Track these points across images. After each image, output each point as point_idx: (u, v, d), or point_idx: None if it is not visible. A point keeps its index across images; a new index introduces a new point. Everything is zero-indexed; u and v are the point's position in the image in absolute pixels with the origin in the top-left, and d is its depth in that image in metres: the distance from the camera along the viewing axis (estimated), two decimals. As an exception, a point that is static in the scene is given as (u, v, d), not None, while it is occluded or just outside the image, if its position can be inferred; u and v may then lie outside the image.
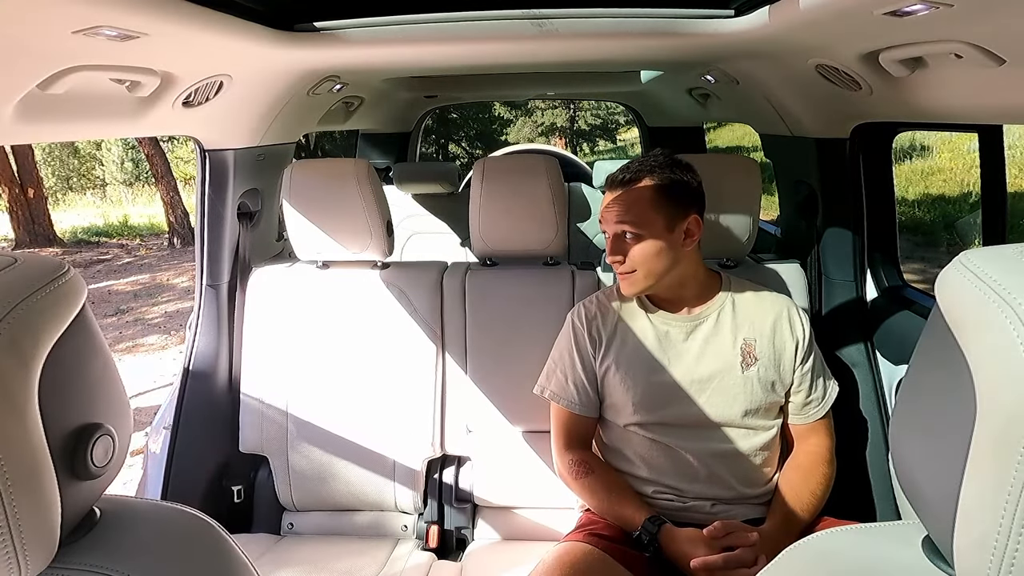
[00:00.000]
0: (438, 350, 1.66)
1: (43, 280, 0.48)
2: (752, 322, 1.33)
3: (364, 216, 1.61)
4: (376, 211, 1.62)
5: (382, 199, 1.65)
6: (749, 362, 1.31)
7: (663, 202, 1.26)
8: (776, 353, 1.32)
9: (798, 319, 1.35)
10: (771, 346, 1.32)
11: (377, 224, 1.62)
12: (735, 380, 1.30)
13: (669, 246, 1.27)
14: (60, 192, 12.81)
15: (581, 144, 16.59)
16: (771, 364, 1.31)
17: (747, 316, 1.34)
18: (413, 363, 1.65)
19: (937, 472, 0.42)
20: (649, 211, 1.26)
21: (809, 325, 1.35)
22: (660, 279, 1.29)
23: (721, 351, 1.32)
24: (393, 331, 1.65)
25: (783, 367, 1.32)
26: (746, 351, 1.31)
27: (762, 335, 1.32)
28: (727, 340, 1.32)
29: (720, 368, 1.31)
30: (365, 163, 1.66)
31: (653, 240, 1.26)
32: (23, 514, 0.45)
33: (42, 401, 0.47)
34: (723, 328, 1.33)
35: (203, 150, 1.69)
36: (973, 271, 0.41)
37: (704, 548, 1.14)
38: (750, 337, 1.32)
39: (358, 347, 1.66)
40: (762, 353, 1.31)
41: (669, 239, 1.26)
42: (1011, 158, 6.94)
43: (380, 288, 1.67)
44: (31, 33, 0.86)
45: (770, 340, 1.32)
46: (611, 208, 1.30)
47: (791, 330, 1.33)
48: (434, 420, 1.65)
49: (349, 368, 1.66)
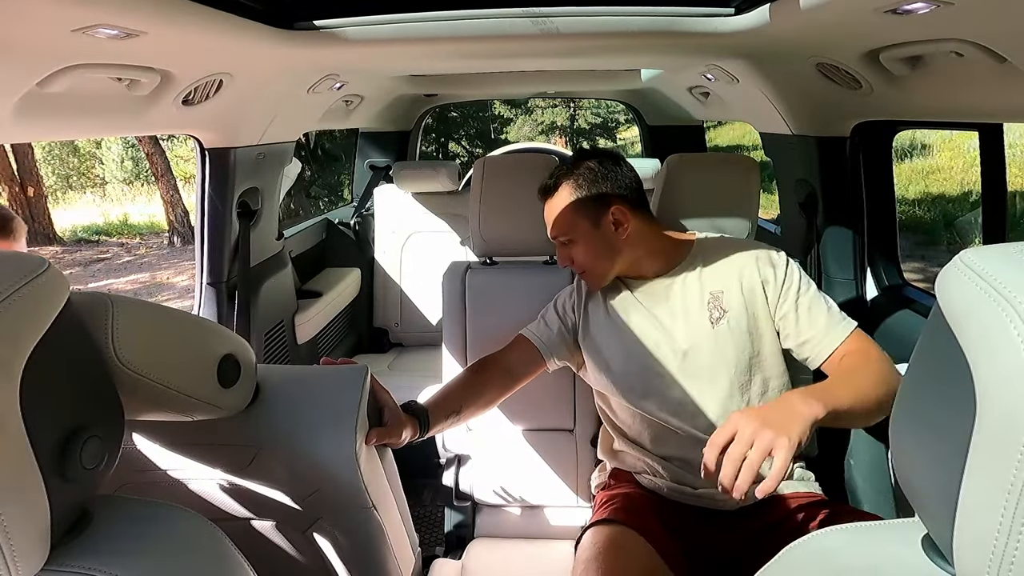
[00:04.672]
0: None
1: (19, 279, 0.47)
2: (718, 274, 1.30)
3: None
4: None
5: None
6: (716, 315, 1.27)
7: (580, 204, 1.27)
8: (746, 299, 1.27)
9: (767, 260, 1.28)
10: (740, 294, 1.27)
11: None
12: (708, 339, 1.26)
13: (603, 242, 1.28)
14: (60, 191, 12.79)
15: (581, 143, 16.56)
16: (742, 312, 1.26)
17: (713, 270, 1.31)
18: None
19: (937, 470, 0.42)
20: (571, 216, 1.28)
21: (788, 265, 1.28)
22: (613, 270, 1.31)
23: (689, 309, 1.29)
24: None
25: (757, 312, 1.27)
26: (713, 305, 1.28)
27: (729, 286, 1.28)
28: (694, 298, 1.29)
29: (690, 329, 1.28)
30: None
31: (586, 241, 1.28)
32: (11, 518, 0.44)
33: (26, 403, 0.46)
34: (690, 287, 1.30)
35: (203, 149, 1.69)
36: (973, 270, 0.41)
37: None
38: (716, 289, 1.29)
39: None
40: (730, 304, 1.27)
41: (600, 235, 1.27)
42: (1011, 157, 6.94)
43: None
44: (30, 31, 0.86)
45: (738, 288, 1.28)
46: (545, 215, 1.34)
47: (759, 271, 1.28)
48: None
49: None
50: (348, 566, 0.90)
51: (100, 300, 0.63)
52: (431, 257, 2.79)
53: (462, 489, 1.64)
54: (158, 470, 0.84)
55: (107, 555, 0.51)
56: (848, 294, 1.73)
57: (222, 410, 0.76)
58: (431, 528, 2.25)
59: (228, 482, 0.85)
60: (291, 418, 0.84)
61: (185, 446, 0.83)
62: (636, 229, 1.29)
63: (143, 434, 0.83)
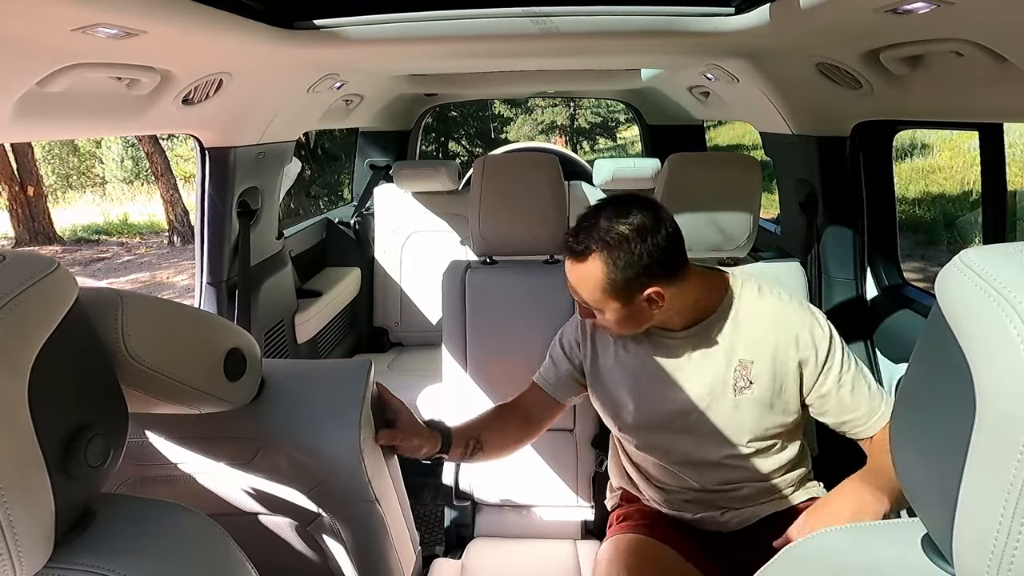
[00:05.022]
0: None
1: (30, 278, 0.47)
2: (752, 340, 1.18)
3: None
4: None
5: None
6: (742, 385, 1.18)
7: (612, 284, 1.11)
8: (776, 374, 1.18)
9: (810, 339, 1.17)
10: (771, 367, 1.17)
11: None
12: (726, 404, 1.20)
13: (632, 314, 1.15)
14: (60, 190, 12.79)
15: (581, 142, 16.56)
16: (769, 386, 1.18)
17: (748, 332, 1.19)
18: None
19: (937, 470, 0.42)
20: (599, 294, 1.13)
21: (831, 343, 1.18)
22: (638, 330, 1.20)
23: (713, 372, 1.20)
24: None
25: (787, 387, 1.18)
26: (740, 373, 1.18)
27: (761, 356, 1.18)
28: (719, 360, 1.19)
29: (709, 391, 1.20)
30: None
31: (612, 313, 1.15)
32: (16, 514, 0.44)
33: (33, 400, 0.46)
34: (718, 346, 1.20)
35: (203, 148, 1.69)
36: (973, 269, 0.41)
37: None
38: (747, 357, 1.18)
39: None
40: (759, 376, 1.18)
41: (630, 309, 1.14)
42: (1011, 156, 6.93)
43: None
44: (30, 31, 0.86)
45: (770, 361, 1.17)
46: (568, 274, 1.18)
47: (798, 349, 1.17)
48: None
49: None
50: (350, 560, 0.91)
51: (109, 295, 0.64)
52: (431, 256, 2.79)
53: (462, 488, 1.64)
54: (164, 464, 0.85)
55: (109, 553, 0.51)
56: (848, 294, 1.73)
57: (228, 403, 0.76)
58: (431, 527, 2.25)
59: (232, 476, 0.85)
60: (295, 412, 0.85)
61: (191, 440, 0.83)
62: (670, 297, 1.14)
63: (149, 428, 0.83)
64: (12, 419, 0.45)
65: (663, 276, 1.12)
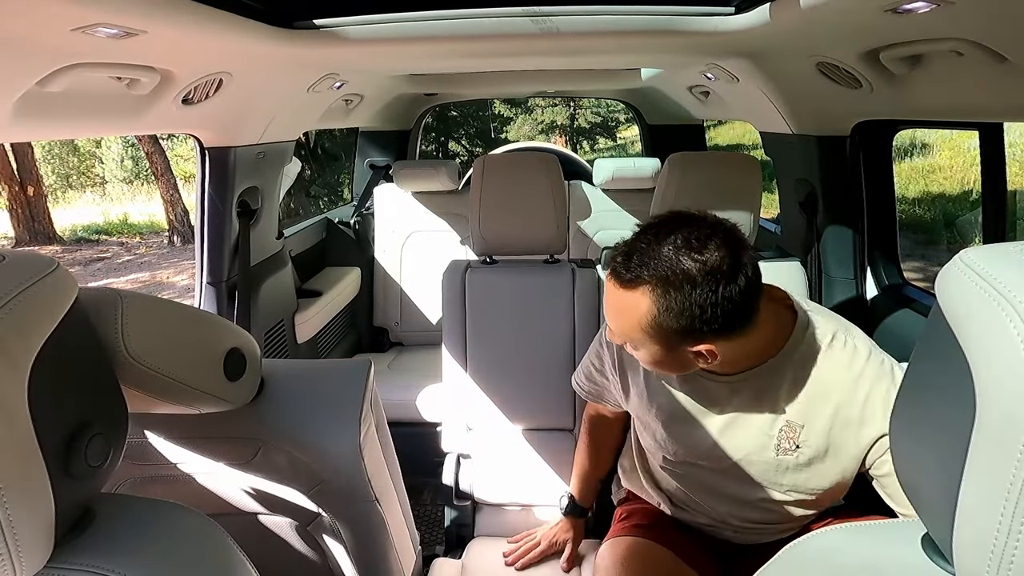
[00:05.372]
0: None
1: (30, 278, 0.47)
2: (807, 402, 1.01)
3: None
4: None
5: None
6: (786, 447, 1.03)
7: (656, 328, 0.93)
8: (833, 446, 1.01)
9: (881, 408, 0.97)
10: (824, 437, 1.01)
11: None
12: (765, 463, 1.06)
13: (671, 361, 0.98)
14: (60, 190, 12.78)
15: (581, 142, 16.55)
16: (820, 453, 1.02)
17: (801, 391, 1.01)
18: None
19: (937, 470, 0.42)
20: (639, 332, 0.95)
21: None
22: (671, 375, 1.07)
23: (755, 428, 1.05)
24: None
25: (840, 454, 1.01)
26: (785, 435, 1.03)
27: (814, 421, 1.01)
28: (765, 417, 1.04)
29: (747, 447, 1.06)
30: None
31: (647, 353, 0.98)
32: (16, 514, 0.44)
33: (33, 400, 0.46)
34: (765, 401, 1.03)
35: (203, 148, 1.69)
36: (973, 269, 0.41)
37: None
38: (796, 420, 1.02)
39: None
40: (807, 443, 1.02)
41: (670, 356, 0.97)
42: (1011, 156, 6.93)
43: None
44: (30, 31, 0.86)
45: (825, 429, 1.00)
46: (606, 299, 1.00)
47: (861, 422, 0.98)
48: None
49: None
50: (350, 559, 0.91)
51: (109, 295, 0.64)
52: (431, 256, 2.79)
53: (462, 488, 1.64)
54: (164, 464, 0.85)
55: (110, 553, 0.51)
56: (848, 293, 1.73)
57: (228, 403, 0.77)
58: (431, 527, 2.25)
59: (232, 476, 0.85)
60: (295, 411, 0.85)
61: (191, 440, 0.83)
62: (724, 352, 0.96)
63: (149, 428, 0.83)
64: (12, 419, 0.45)
65: (723, 333, 0.92)
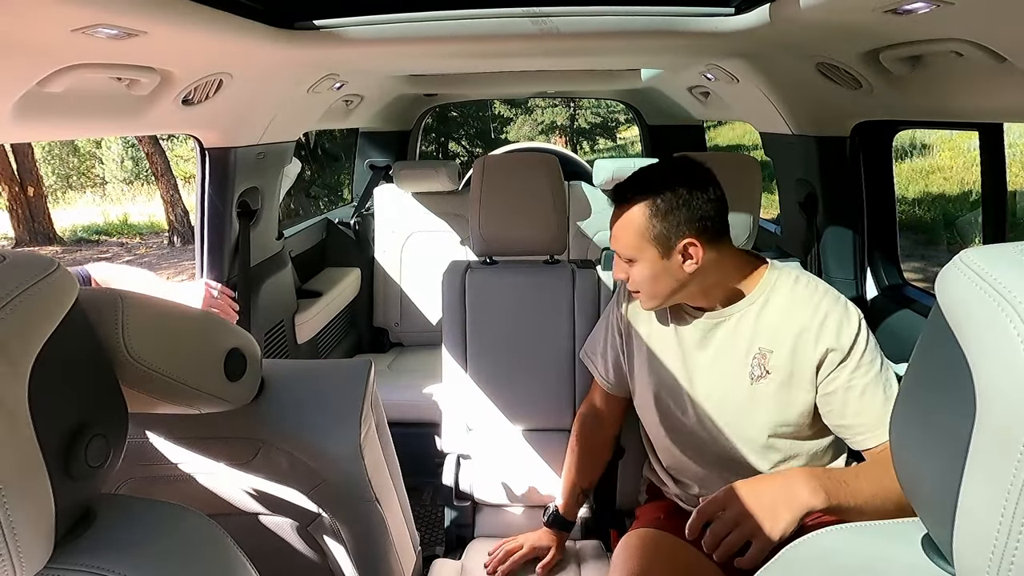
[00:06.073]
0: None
1: (30, 278, 0.47)
2: (775, 329, 1.17)
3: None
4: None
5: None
6: (758, 373, 1.17)
7: (653, 229, 1.14)
8: (796, 367, 1.15)
9: (836, 327, 1.12)
10: (790, 358, 1.15)
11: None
12: (741, 393, 1.19)
13: (666, 271, 1.16)
14: (60, 190, 12.78)
15: (581, 142, 16.56)
16: (787, 379, 1.16)
17: (771, 321, 1.17)
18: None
19: (937, 470, 0.42)
20: (638, 238, 1.15)
21: (857, 337, 1.12)
22: (668, 299, 1.20)
23: (732, 358, 1.20)
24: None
25: (801, 384, 1.15)
26: (757, 362, 1.17)
27: (781, 345, 1.16)
28: (740, 348, 1.19)
29: (726, 379, 1.20)
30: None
31: (648, 265, 1.16)
32: (16, 514, 0.44)
33: (33, 400, 0.46)
34: (741, 332, 1.19)
35: (203, 148, 1.69)
36: (973, 270, 0.41)
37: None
38: (766, 346, 1.17)
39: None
40: (776, 367, 1.16)
41: (665, 265, 1.15)
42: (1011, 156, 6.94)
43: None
44: (30, 31, 0.86)
45: (790, 351, 1.15)
46: (611, 224, 1.20)
47: (817, 340, 1.13)
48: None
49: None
50: (350, 560, 0.91)
51: (110, 296, 0.64)
52: (431, 257, 2.79)
53: (462, 489, 1.64)
54: (164, 464, 0.85)
55: (110, 554, 0.51)
56: (848, 294, 1.72)
57: (228, 403, 0.77)
58: (431, 528, 2.25)
59: (232, 476, 0.85)
60: (295, 411, 0.85)
61: (191, 440, 0.83)
62: (706, 262, 1.15)
63: (149, 429, 0.83)
64: (12, 419, 0.45)
65: (702, 232, 1.13)
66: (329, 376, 0.92)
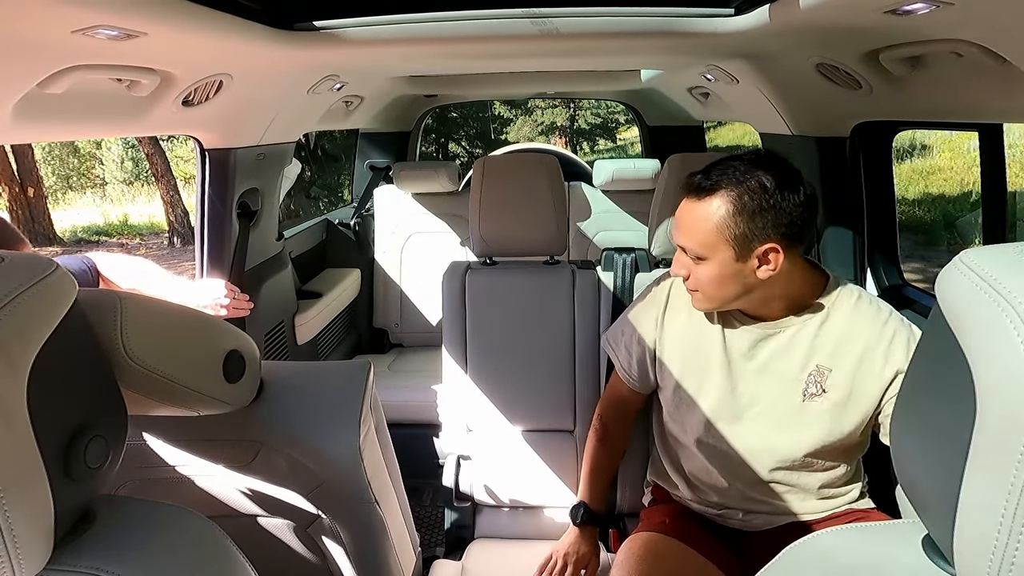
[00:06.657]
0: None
1: (29, 279, 0.47)
2: (836, 346, 1.10)
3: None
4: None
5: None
6: (812, 391, 1.11)
7: (735, 228, 1.04)
8: (856, 386, 1.09)
9: (902, 349, 1.07)
10: (851, 379, 1.09)
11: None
12: (789, 409, 1.12)
13: (737, 274, 1.07)
14: (60, 191, 12.78)
15: (581, 143, 16.56)
16: (845, 399, 1.10)
17: (832, 338, 1.11)
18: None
19: (937, 471, 0.42)
20: (714, 236, 1.05)
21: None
22: (728, 304, 1.13)
23: (784, 373, 1.13)
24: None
25: (860, 404, 1.10)
26: (813, 379, 1.11)
27: (842, 363, 1.10)
28: (795, 362, 1.12)
29: (774, 392, 1.13)
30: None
31: (718, 266, 1.07)
32: (15, 516, 0.44)
33: (32, 402, 0.46)
34: (797, 346, 1.12)
35: (203, 149, 1.69)
36: (973, 270, 0.41)
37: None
38: (825, 364, 1.10)
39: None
40: (834, 385, 1.10)
41: (738, 268, 1.06)
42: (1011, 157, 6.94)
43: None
44: (30, 32, 0.86)
45: (851, 371, 1.09)
46: (681, 216, 1.10)
47: (886, 360, 1.08)
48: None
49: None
50: (350, 561, 0.91)
51: (108, 297, 0.64)
52: (431, 257, 2.79)
53: (462, 490, 1.64)
54: (163, 466, 0.84)
55: (109, 555, 0.51)
56: (848, 294, 1.72)
57: (227, 405, 0.77)
58: (431, 529, 2.25)
59: (232, 478, 0.85)
60: (294, 413, 0.85)
61: (190, 442, 0.83)
62: (782, 270, 1.07)
63: (148, 430, 0.83)
64: (11, 421, 0.45)
65: (787, 238, 1.04)
66: (328, 377, 0.92)
